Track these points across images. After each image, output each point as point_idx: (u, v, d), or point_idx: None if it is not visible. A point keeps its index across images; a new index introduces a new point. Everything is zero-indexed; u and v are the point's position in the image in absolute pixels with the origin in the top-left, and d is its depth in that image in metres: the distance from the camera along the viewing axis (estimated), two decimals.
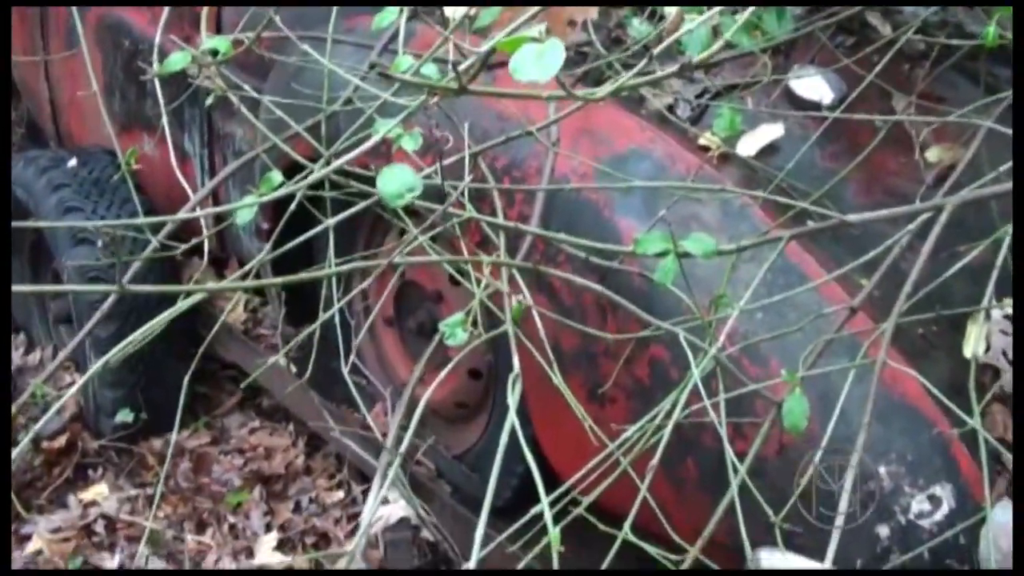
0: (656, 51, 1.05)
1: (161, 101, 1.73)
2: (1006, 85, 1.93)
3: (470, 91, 0.90)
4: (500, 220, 1.51)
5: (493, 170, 1.80)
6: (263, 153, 1.94)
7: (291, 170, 1.73)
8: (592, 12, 1.55)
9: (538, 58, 0.80)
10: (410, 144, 1.27)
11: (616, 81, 0.93)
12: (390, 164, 1.62)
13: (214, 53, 1.44)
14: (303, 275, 1.31)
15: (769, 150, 1.87)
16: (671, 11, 2.09)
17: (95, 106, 3.12)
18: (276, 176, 1.41)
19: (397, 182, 1.07)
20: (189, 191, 1.67)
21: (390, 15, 1.37)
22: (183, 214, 1.51)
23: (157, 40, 1.80)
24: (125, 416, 2.83)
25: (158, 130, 2.91)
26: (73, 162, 2.85)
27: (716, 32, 1.97)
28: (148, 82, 2.89)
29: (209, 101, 1.67)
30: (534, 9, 0.95)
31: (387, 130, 1.17)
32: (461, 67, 0.97)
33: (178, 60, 1.44)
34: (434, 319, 2.22)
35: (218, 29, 2.64)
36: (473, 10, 1.90)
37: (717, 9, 1.81)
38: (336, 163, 1.14)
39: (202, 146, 2.80)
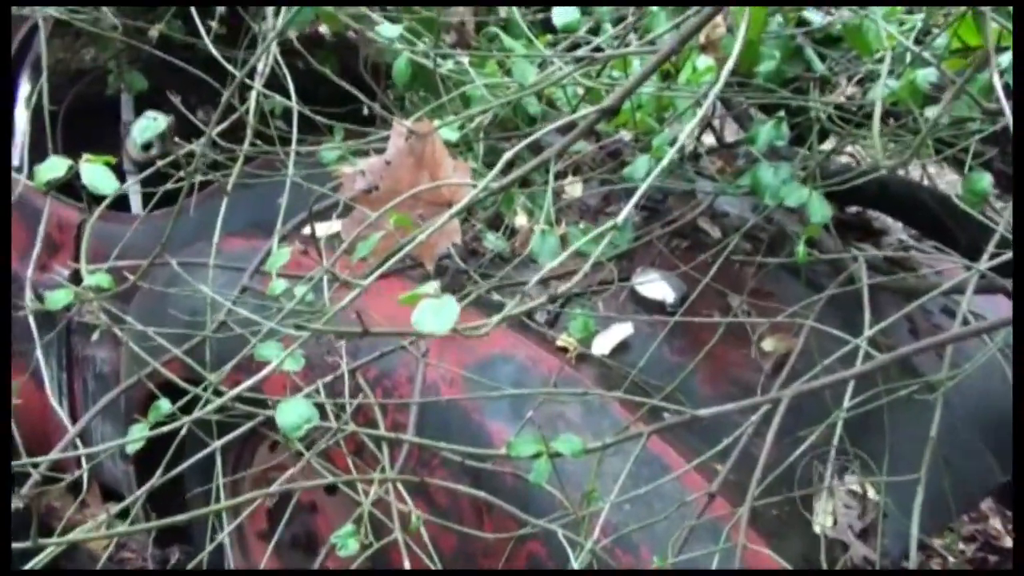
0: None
1: (35, 331, 1.76)
2: (825, 280, 2.15)
3: (373, 333, 0.99)
4: (381, 432, 1.58)
5: (366, 380, 1.88)
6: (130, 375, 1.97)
7: (160, 389, 1.76)
8: (456, 236, 1.69)
9: (436, 312, 0.91)
10: (293, 365, 1.35)
11: (473, 295, 1.03)
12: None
13: (97, 289, 1.50)
14: (192, 513, 1.33)
15: (621, 348, 2.01)
16: (522, 223, 2.27)
17: None
18: (164, 404, 1.46)
19: (295, 414, 1.14)
20: (69, 424, 1.68)
21: (283, 256, 1.47)
22: (58, 453, 1.51)
23: (29, 275, 1.84)
24: None
25: (14, 358, 2.89)
26: None
27: (564, 241, 2.15)
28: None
29: (95, 337, 1.70)
30: (407, 248, 1.06)
31: (279, 362, 1.24)
32: (342, 302, 1.06)
33: (61, 297, 1.49)
34: (309, 530, 2.23)
35: (76, 257, 2.68)
36: (338, 228, 2.02)
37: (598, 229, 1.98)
38: (236, 391, 1.19)
39: (60, 370, 2.78)
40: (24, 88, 2.85)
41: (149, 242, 2.31)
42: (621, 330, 2.02)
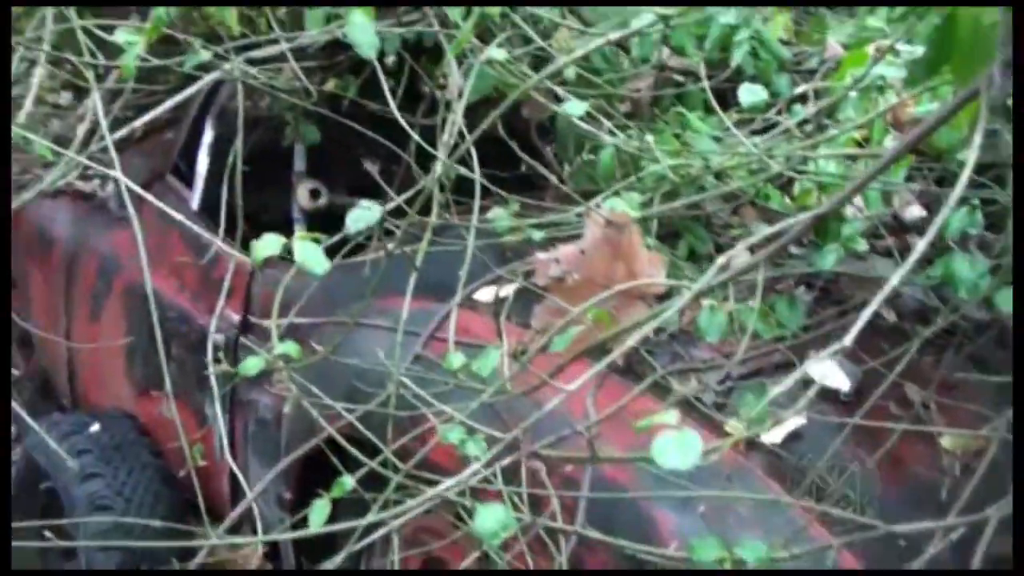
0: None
1: (214, 381, 1.81)
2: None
3: (603, 460, 0.98)
4: (558, 524, 1.55)
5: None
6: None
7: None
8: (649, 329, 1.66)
9: (679, 447, 0.89)
10: (474, 450, 1.34)
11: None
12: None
13: (287, 358, 1.53)
14: None
15: (793, 437, 1.94)
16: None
17: (114, 369, 3.21)
18: (347, 481, 1.47)
19: (493, 520, 1.12)
20: (239, 473, 1.70)
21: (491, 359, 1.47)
22: (236, 538, 1.54)
23: (212, 329, 1.89)
24: None
25: (178, 394, 2.97)
26: (96, 427, 2.89)
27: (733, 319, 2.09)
28: (173, 348, 2.97)
29: (286, 409, 1.73)
30: (614, 355, 1.04)
31: (478, 469, 1.23)
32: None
33: (253, 364, 1.53)
34: None
35: (247, 300, 2.76)
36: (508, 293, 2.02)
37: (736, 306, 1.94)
38: (432, 492, 1.19)
39: (224, 412, 2.84)
40: (208, 135, 2.97)
41: (319, 295, 2.36)
42: (793, 419, 1.95)
